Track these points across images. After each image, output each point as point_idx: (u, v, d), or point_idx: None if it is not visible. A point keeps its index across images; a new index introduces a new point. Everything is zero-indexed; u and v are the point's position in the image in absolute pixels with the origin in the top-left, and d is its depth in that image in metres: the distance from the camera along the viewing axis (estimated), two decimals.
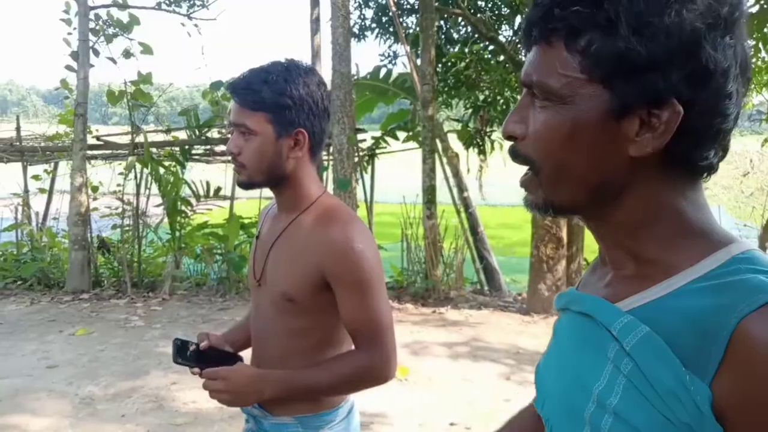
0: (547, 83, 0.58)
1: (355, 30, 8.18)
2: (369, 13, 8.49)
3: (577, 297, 0.67)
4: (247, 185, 1.27)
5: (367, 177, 7.07)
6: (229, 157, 1.30)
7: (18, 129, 7.14)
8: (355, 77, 7.01)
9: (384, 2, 8.05)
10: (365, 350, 1.21)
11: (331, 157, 5.61)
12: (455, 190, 7.09)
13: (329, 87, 1.26)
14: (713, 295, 0.54)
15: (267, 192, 1.37)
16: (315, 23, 6.05)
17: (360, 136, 6.59)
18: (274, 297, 1.26)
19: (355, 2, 8.20)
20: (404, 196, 6.20)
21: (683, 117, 0.54)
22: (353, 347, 1.27)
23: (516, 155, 0.63)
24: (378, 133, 7.59)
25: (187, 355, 1.24)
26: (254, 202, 6.61)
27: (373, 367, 1.21)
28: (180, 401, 3.48)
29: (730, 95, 0.55)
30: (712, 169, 0.59)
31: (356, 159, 6.00)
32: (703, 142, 0.57)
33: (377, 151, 7.29)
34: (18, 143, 7.13)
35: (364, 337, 1.21)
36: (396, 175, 8.67)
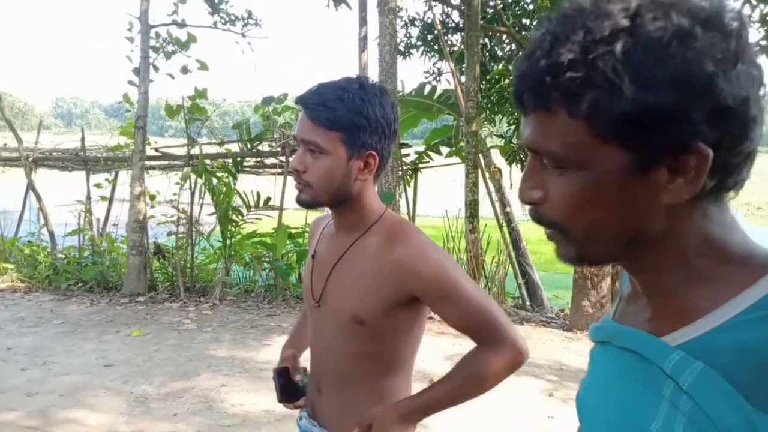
0: (557, 152, 0.55)
1: (401, 48, 8.34)
2: (415, 31, 8.65)
3: (620, 331, 0.63)
4: (309, 204, 1.20)
5: (410, 191, 7.17)
6: (279, 170, 1.29)
7: (83, 140, 7.60)
8: (401, 93, 7.16)
9: (430, 21, 8.19)
10: (489, 345, 1.17)
11: None
12: (498, 205, 7.09)
13: None
14: None
15: None
16: (362, 41, 6.24)
17: (404, 151, 6.71)
18: (341, 320, 1.22)
19: (402, 21, 8.37)
20: (446, 210, 6.26)
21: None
22: (405, 375, 1.27)
23: (540, 221, 0.60)
24: (421, 148, 7.69)
25: (289, 394, 1.34)
26: (302, 213, 6.78)
27: (504, 356, 1.16)
28: (228, 403, 3.62)
29: (754, 119, 0.53)
30: (742, 185, 0.57)
31: (400, 173, 6.11)
32: (734, 170, 0.54)
33: (420, 165, 7.39)
34: (82, 153, 7.59)
35: (481, 334, 1.18)
36: (438, 189, 8.72)
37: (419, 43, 8.60)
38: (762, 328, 0.50)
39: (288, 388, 1.37)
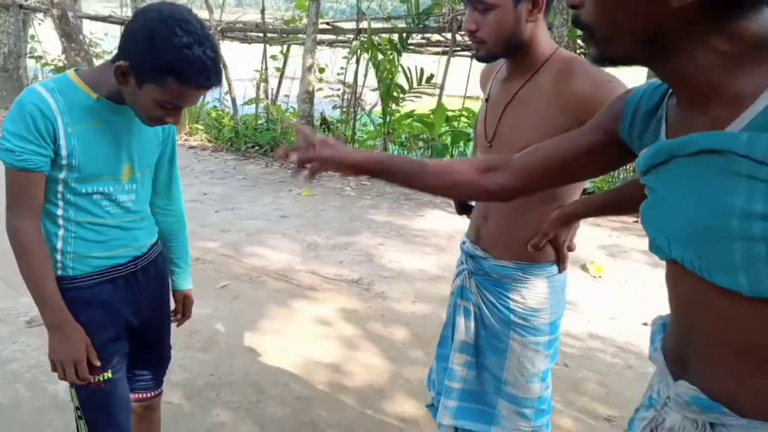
0: None
1: None
2: None
3: (685, 141, 0.67)
4: (487, 59, 1.25)
5: None
6: (445, 49, 1.31)
7: (262, 11, 8.05)
8: None
9: None
10: None
11: None
12: None
13: None
14: None
15: (473, 90, 1.44)
16: None
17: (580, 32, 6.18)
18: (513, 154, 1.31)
19: None
20: None
21: None
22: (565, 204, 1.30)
23: (577, 23, 0.71)
24: None
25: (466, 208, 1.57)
26: (459, 100, 6.70)
27: None
28: (386, 259, 3.94)
29: None
30: None
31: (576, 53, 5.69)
32: None
33: None
34: (262, 24, 8.06)
35: None
36: (617, 72, 8.02)
37: None
38: None
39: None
